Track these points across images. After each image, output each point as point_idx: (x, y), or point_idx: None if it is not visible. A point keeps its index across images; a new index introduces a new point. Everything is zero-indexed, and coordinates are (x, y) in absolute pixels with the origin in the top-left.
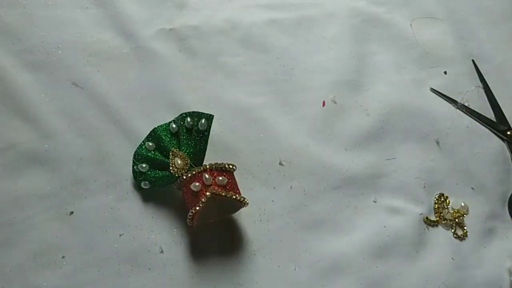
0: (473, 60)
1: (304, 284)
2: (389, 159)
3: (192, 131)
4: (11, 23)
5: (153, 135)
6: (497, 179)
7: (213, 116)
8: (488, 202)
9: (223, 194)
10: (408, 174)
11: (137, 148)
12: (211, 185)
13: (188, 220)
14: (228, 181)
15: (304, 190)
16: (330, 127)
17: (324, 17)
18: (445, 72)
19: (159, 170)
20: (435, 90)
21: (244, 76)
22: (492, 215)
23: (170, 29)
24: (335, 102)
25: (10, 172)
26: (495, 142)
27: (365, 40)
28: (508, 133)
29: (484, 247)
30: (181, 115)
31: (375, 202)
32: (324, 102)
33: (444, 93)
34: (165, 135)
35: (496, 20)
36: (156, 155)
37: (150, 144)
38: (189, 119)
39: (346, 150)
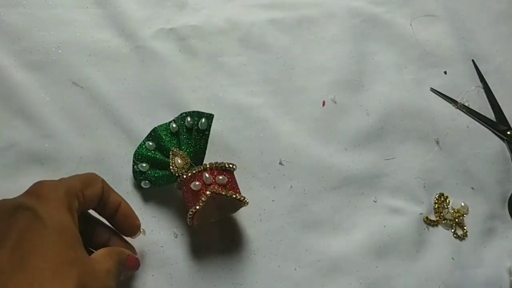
0: (473, 60)
1: (304, 284)
2: (389, 159)
3: (192, 130)
4: (11, 23)
5: (153, 134)
6: (497, 179)
7: (213, 115)
8: (488, 202)
9: (223, 193)
10: (408, 174)
11: (137, 147)
12: (211, 184)
13: (188, 220)
14: (228, 180)
15: (304, 190)
16: (330, 127)
17: (324, 17)
18: (445, 72)
19: (159, 170)
20: (435, 90)
21: (244, 76)
22: (492, 215)
23: (170, 29)
24: (335, 102)
25: (10, 172)
26: (495, 142)
27: (365, 40)
28: (508, 133)
29: (484, 247)
30: (181, 114)
31: (375, 202)
32: (324, 102)
33: (444, 93)
34: (165, 134)
35: (496, 20)
36: (156, 154)
37: (150, 143)
38: (189, 119)
39: (346, 150)
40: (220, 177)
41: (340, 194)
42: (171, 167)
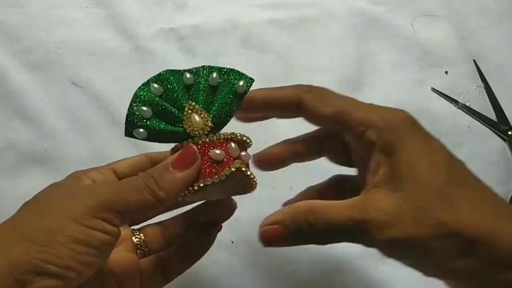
0: (474, 60)
1: (304, 284)
2: None
3: (218, 89)
4: (11, 23)
5: (161, 78)
6: (498, 179)
7: (253, 80)
8: None
9: (248, 173)
10: None
11: (138, 89)
12: (237, 158)
13: (188, 190)
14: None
15: None
16: None
17: (325, 16)
18: (446, 72)
19: (166, 123)
20: (436, 90)
21: None
22: None
23: (170, 28)
24: None
25: (10, 172)
26: (496, 142)
27: (366, 40)
28: (509, 133)
29: None
30: (202, 67)
31: None
32: None
33: (445, 93)
34: (177, 83)
35: (497, 20)
36: (163, 101)
37: (156, 86)
38: (215, 75)
39: None
40: (244, 153)
41: None
42: (185, 123)
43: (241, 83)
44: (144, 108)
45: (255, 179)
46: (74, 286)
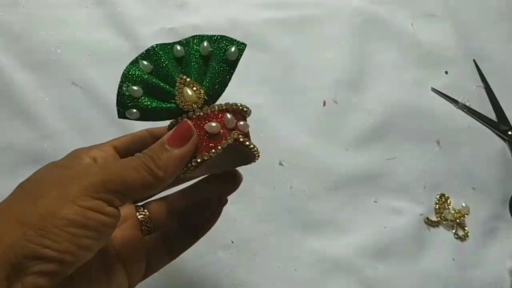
0: (474, 60)
1: (304, 284)
2: (390, 159)
3: (210, 59)
4: (11, 23)
5: (149, 54)
6: (498, 179)
7: (245, 45)
8: (489, 202)
9: (247, 143)
10: (408, 174)
11: (126, 68)
12: (233, 129)
13: (187, 167)
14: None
15: (304, 190)
16: (330, 127)
17: (325, 16)
18: (446, 72)
19: (157, 99)
20: (436, 90)
21: (244, 76)
22: (493, 215)
23: (170, 28)
24: (336, 102)
25: (10, 172)
26: (496, 142)
27: (366, 40)
28: (509, 133)
29: (485, 247)
30: (192, 37)
31: (375, 202)
32: (324, 102)
33: (445, 93)
34: (167, 57)
35: (497, 19)
36: (153, 78)
37: (145, 63)
38: (206, 44)
39: (347, 150)
40: (242, 123)
41: (340, 195)
42: (177, 99)
43: (233, 49)
44: (134, 88)
45: (255, 149)
46: (73, 269)
